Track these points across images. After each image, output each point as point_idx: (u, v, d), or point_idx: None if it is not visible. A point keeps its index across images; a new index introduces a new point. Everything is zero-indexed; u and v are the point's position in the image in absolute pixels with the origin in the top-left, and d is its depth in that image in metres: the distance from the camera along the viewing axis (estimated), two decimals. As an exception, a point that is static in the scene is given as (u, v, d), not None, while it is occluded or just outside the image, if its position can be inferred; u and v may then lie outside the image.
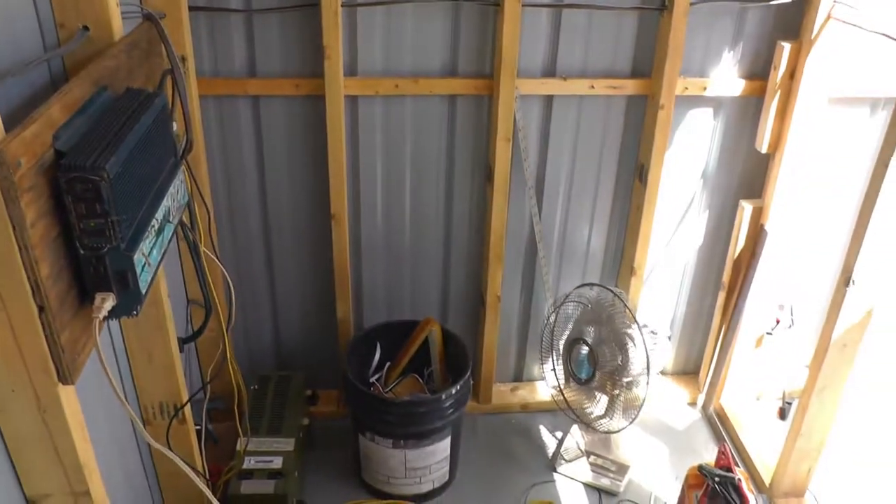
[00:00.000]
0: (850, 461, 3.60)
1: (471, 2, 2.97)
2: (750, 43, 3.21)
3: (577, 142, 3.33)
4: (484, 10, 2.99)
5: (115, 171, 1.38)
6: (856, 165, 3.47)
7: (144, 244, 1.54)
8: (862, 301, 2.80)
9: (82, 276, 1.45)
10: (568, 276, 3.64)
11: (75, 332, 1.46)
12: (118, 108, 1.61)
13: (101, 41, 1.77)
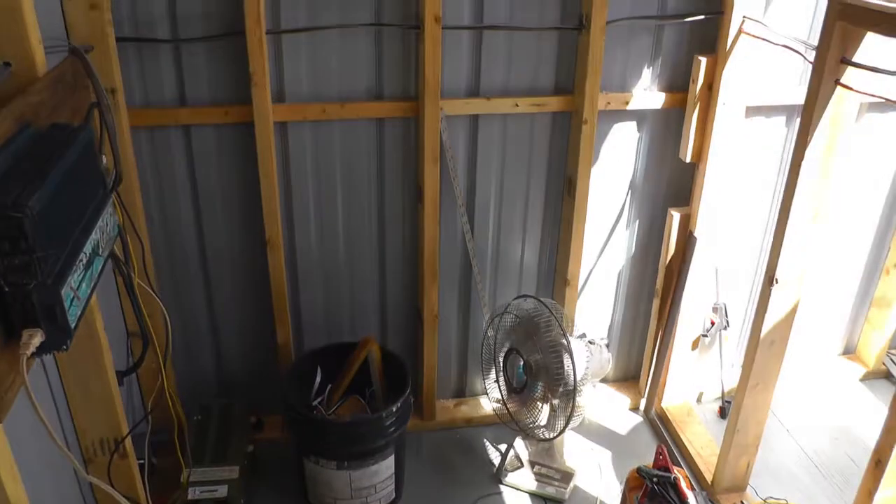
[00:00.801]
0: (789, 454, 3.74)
1: (392, 26, 3.03)
2: (668, 58, 3.33)
3: (504, 159, 3.41)
4: (406, 33, 3.06)
5: (38, 208, 1.39)
6: (775, 171, 3.62)
7: (73, 278, 1.54)
8: (786, 299, 2.91)
9: (8, 312, 1.45)
10: (504, 290, 3.70)
11: (1, 369, 1.45)
12: (42, 144, 1.62)
13: (24, 77, 1.76)
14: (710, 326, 3.84)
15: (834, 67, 2.51)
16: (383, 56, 3.10)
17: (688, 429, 3.78)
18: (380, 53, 3.10)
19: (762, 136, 3.57)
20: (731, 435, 3.24)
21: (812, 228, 2.81)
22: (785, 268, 2.84)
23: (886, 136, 3.80)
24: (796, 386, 4.23)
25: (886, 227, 4.08)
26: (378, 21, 3.02)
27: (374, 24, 3.02)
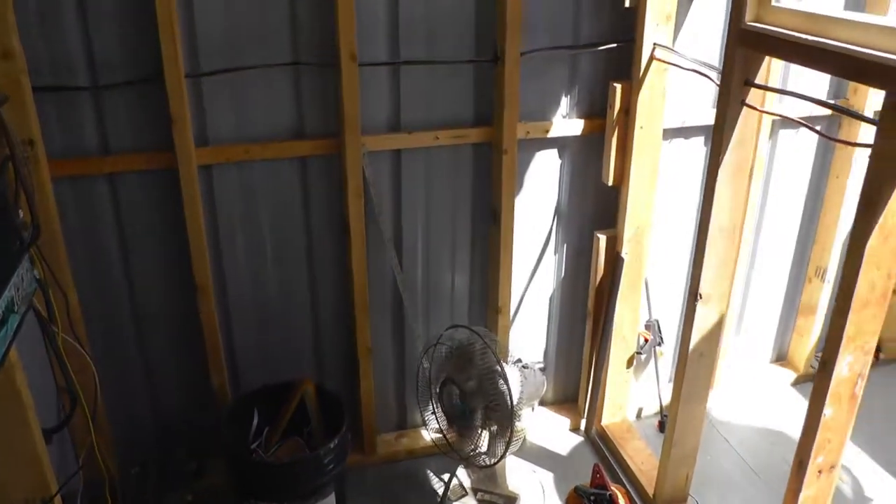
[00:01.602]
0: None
1: (310, 65, 3.06)
2: (585, 85, 3.43)
3: (429, 191, 3.45)
4: (324, 71, 3.07)
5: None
6: (697, 189, 3.74)
7: (-13, 338, 1.53)
8: (710, 313, 3.00)
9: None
10: (437, 321, 3.71)
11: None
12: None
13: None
14: (643, 343, 3.92)
15: (739, 90, 2.62)
16: (303, 94, 3.12)
17: (628, 445, 3.84)
18: (300, 92, 3.11)
19: (682, 156, 3.69)
20: (668, 448, 3.31)
21: (731, 244, 2.90)
22: (707, 283, 2.92)
23: (799, 151, 3.97)
24: (733, 395, 4.35)
25: (806, 237, 4.24)
26: (296, 60, 3.04)
27: (292, 64, 3.04)
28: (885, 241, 2.17)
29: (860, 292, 2.22)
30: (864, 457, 3.97)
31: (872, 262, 2.19)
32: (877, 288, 2.24)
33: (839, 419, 2.44)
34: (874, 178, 2.11)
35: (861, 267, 2.18)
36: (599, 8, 3.30)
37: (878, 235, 2.15)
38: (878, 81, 2.13)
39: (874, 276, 2.22)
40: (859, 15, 2.22)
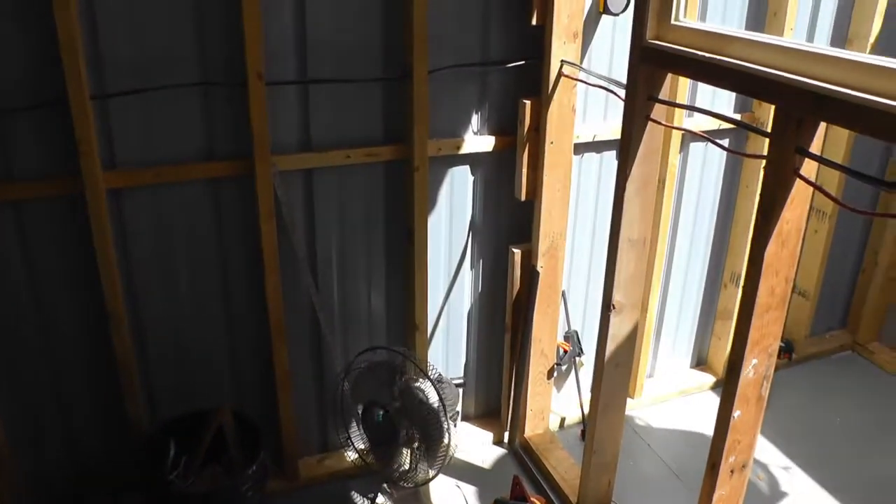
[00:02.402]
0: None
1: (218, 85, 3.02)
2: (495, 102, 3.48)
3: (342, 210, 3.43)
4: (233, 91, 3.04)
5: None
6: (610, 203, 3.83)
7: None
8: (624, 323, 3.07)
9: None
10: (356, 341, 3.69)
11: None
12: None
13: None
14: (563, 355, 3.99)
15: (643, 105, 2.70)
16: (214, 115, 3.08)
17: (551, 455, 3.89)
18: (210, 113, 3.07)
19: (595, 170, 3.78)
20: (589, 457, 3.37)
21: (641, 255, 2.98)
22: (620, 294, 3.00)
23: (710, 162, 4.13)
24: (655, 401, 4.47)
25: (721, 245, 4.39)
26: (204, 80, 3.00)
27: (200, 84, 3.00)
28: (782, 247, 2.27)
29: (761, 298, 2.31)
30: (779, 454, 4.13)
31: (772, 269, 2.28)
32: (776, 293, 2.34)
33: (748, 420, 2.52)
34: (769, 187, 2.20)
35: (761, 273, 2.27)
36: (507, 25, 3.36)
37: (776, 242, 2.24)
38: (768, 96, 2.24)
39: (773, 281, 2.31)
40: (753, 34, 2.31)
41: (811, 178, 2.15)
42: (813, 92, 1.94)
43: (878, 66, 1.82)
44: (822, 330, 5.21)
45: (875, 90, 1.79)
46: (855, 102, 1.82)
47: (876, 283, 5.03)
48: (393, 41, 3.21)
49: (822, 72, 1.95)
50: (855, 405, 4.63)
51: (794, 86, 2.00)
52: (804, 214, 2.27)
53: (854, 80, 1.85)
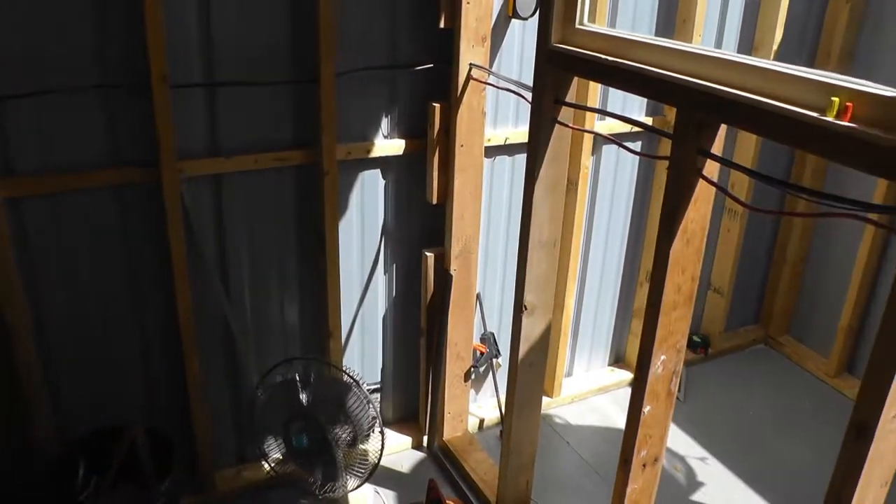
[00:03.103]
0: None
1: (120, 88, 2.91)
2: (405, 105, 3.46)
3: (252, 217, 3.36)
4: (135, 94, 2.93)
5: None
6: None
7: None
8: (537, 323, 3.09)
9: None
10: (270, 350, 3.63)
11: None
12: None
13: None
14: (480, 357, 4.00)
15: (550, 108, 2.72)
16: (116, 119, 2.96)
17: (470, 457, 3.90)
18: (112, 117, 2.96)
19: (507, 172, 3.80)
20: (506, 457, 3.38)
21: (552, 256, 3.00)
22: (532, 295, 3.01)
23: (624, 163, 4.20)
24: (574, 399, 4.53)
25: (636, 244, 4.46)
26: (105, 83, 2.89)
27: (100, 87, 2.88)
28: (687, 246, 2.31)
29: (668, 295, 2.35)
30: (696, 445, 4.24)
31: (677, 267, 2.32)
32: (683, 290, 2.38)
33: (658, 415, 2.56)
34: (673, 187, 2.24)
35: (667, 271, 2.30)
36: (416, 28, 3.35)
37: (681, 240, 2.28)
38: (670, 99, 2.28)
39: (680, 279, 2.35)
40: (654, 39, 2.34)
41: (714, 179, 2.20)
42: (712, 95, 1.98)
43: (772, 70, 1.87)
44: (737, 325, 5.36)
45: (770, 94, 1.84)
46: (751, 105, 1.86)
47: (785, 278, 5.20)
48: (301, 43, 3.16)
49: (720, 76, 1.99)
50: (767, 396, 4.79)
51: (693, 89, 2.04)
52: (708, 213, 2.32)
53: (751, 84, 1.90)
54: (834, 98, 1.66)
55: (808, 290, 5.20)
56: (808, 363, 5.07)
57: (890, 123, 1.58)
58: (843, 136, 1.65)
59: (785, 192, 4.51)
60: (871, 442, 1.72)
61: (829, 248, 4.99)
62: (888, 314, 1.64)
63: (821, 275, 5.08)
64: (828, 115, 1.67)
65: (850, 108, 1.65)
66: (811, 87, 1.75)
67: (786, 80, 1.82)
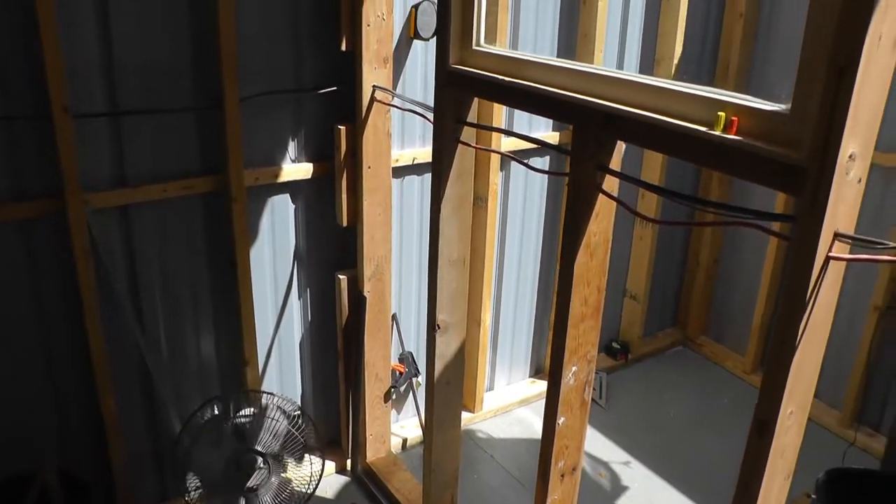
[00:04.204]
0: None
1: (22, 119, 2.83)
2: (312, 128, 3.46)
3: (163, 247, 3.30)
4: (37, 125, 2.85)
5: None
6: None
7: None
8: (450, 341, 3.10)
9: None
10: (188, 382, 3.55)
11: None
12: None
13: None
14: (399, 377, 4.00)
15: (451, 128, 2.75)
16: (18, 151, 2.87)
17: (394, 478, 3.89)
18: (15, 149, 2.86)
19: (418, 191, 3.82)
20: (429, 475, 3.37)
21: (462, 274, 3.02)
22: (444, 313, 3.02)
23: (534, 179, 4.26)
24: (496, 412, 4.56)
25: (550, 257, 4.53)
26: (6, 114, 2.80)
27: (2, 118, 2.80)
28: (591, 259, 2.35)
29: (575, 308, 2.38)
30: (620, 450, 4.31)
31: (582, 280, 2.36)
32: (590, 302, 2.42)
33: (573, 425, 2.59)
34: (573, 203, 2.28)
35: (572, 284, 2.34)
36: (319, 51, 3.35)
37: (584, 254, 2.32)
38: (566, 117, 2.32)
39: (585, 292, 2.39)
40: (548, 59, 2.37)
41: (616, 193, 2.25)
42: (605, 112, 2.04)
43: (663, 87, 1.92)
44: (655, 329, 5.49)
45: (663, 110, 1.89)
46: (643, 121, 1.92)
47: (699, 282, 5.35)
48: (204, 68, 3.13)
49: (614, 93, 2.04)
50: (688, 396, 4.92)
51: (587, 107, 2.09)
52: (610, 227, 2.37)
53: (644, 101, 1.95)
54: (720, 113, 1.72)
55: (721, 292, 5.37)
56: (727, 362, 5.23)
57: (772, 135, 1.64)
58: (729, 148, 1.71)
59: (675, 201, 4.62)
60: (773, 438, 1.77)
61: (739, 251, 5.17)
62: (781, 322, 1.69)
63: (733, 277, 5.25)
64: (715, 129, 1.73)
65: (735, 121, 1.70)
66: (699, 103, 1.81)
67: (676, 97, 1.87)
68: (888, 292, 4.15)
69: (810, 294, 1.62)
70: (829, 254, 1.59)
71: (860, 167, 1.54)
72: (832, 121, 1.48)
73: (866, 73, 1.44)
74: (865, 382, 4.37)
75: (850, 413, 4.46)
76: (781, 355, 1.71)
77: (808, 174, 1.54)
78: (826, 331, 1.73)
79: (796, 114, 1.58)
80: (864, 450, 4.22)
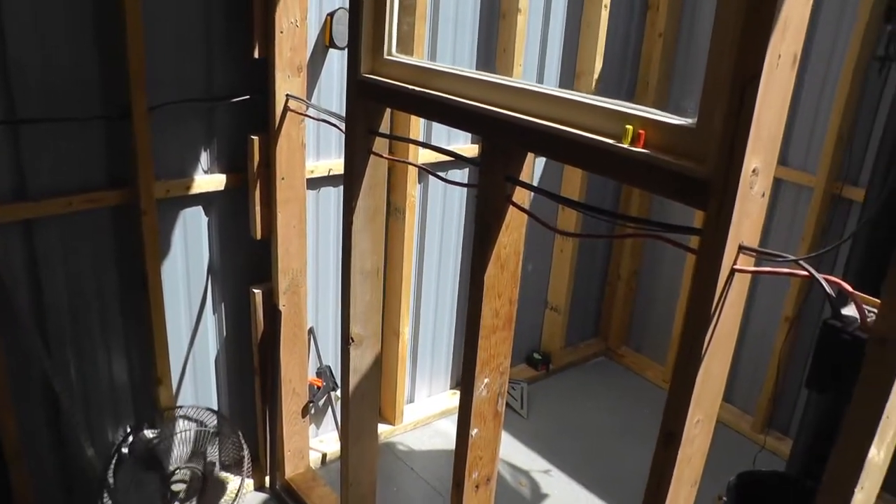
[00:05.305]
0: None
1: None
2: (224, 139, 3.38)
3: (70, 263, 3.16)
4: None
5: None
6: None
7: None
8: (365, 355, 3.06)
9: None
10: (98, 404, 3.42)
11: None
12: None
13: None
14: (317, 391, 3.95)
15: (364, 139, 2.72)
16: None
17: (313, 493, 3.84)
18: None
19: (334, 203, 3.79)
20: (346, 489, 3.32)
21: (376, 286, 2.99)
22: (358, 326, 2.99)
23: (453, 190, 4.28)
24: (416, 425, 4.55)
25: (469, 269, 4.48)
26: None
27: None
28: (502, 271, 2.35)
29: (486, 320, 2.38)
30: (541, 459, 4.34)
31: (493, 292, 2.35)
32: (501, 314, 2.42)
33: (486, 437, 2.59)
34: (483, 215, 2.27)
35: (483, 296, 2.33)
36: (230, 59, 3.28)
37: (495, 266, 2.32)
38: (475, 128, 2.33)
39: (497, 304, 2.39)
40: (459, 69, 2.35)
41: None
42: (513, 124, 2.03)
43: (571, 100, 1.93)
44: (577, 340, 5.56)
45: (572, 122, 1.90)
46: (551, 133, 1.92)
47: (620, 293, 5.43)
48: (111, 76, 3.02)
49: (524, 106, 2.04)
50: (609, 405, 4.99)
51: (495, 118, 2.08)
52: (521, 238, 2.37)
53: (554, 114, 1.95)
54: (628, 126, 1.73)
55: (642, 303, 5.46)
56: (647, 372, 5.33)
57: (679, 149, 1.66)
58: (636, 161, 1.72)
59: (581, 212, 4.76)
60: (679, 448, 1.79)
61: (659, 263, 5.28)
62: (687, 333, 1.71)
63: (653, 289, 5.35)
64: (623, 141, 1.74)
65: (642, 135, 1.72)
66: (608, 116, 1.82)
67: (586, 110, 1.88)
68: (797, 304, 4.28)
69: (716, 306, 1.64)
70: (734, 266, 1.61)
71: (763, 182, 1.57)
72: (735, 136, 1.50)
73: (767, 90, 1.46)
74: (777, 389, 4.49)
75: (763, 418, 4.59)
76: (688, 366, 1.73)
77: (713, 188, 1.56)
78: (732, 342, 1.76)
79: (702, 128, 1.60)
80: (774, 453, 4.34)
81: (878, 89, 3.77)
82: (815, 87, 4.11)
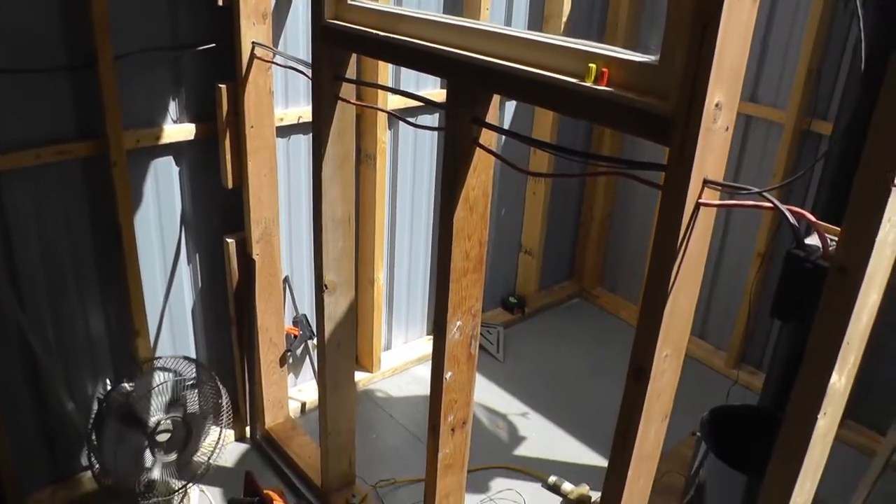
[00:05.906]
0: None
1: None
2: (193, 88, 3.34)
3: (41, 217, 3.12)
4: None
5: None
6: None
7: None
8: (339, 302, 3.09)
9: None
10: (76, 359, 3.40)
11: None
12: None
13: None
14: (294, 340, 3.97)
15: (330, 85, 2.71)
16: None
17: (293, 443, 3.88)
18: None
19: (305, 151, 3.76)
20: (325, 438, 3.38)
21: (347, 233, 3.00)
22: (331, 273, 3.01)
23: (424, 136, 4.26)
24: (393, 372, 4.60)
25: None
26: None
27: None
28: (471, 213, 2.37)
29: (456, 262, 2.40)
30: (517, 402, 4.41)
31: (462, 234, 2.37)
32: (472, 256, 2.44)
33: (461, 379, 2.62)
34: (451, 157, 2.29)
35: (452, 239, 2.35)
36: (195, 7, 3.22)
37: (463, 208, 2.34)
38: (440, 71, 2.33)
39: (467, 245, 2.41)
40: (422, 13, 2.35)
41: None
42: (478, 66, 2.03)
43: (534, 41, 1.93)
44: (552, 283, 5.60)
45: (535, 63, 1.90)
46: (515, 75, 1.92)
47: (593, 235, 5.46)
48: (74, 25, 2.95)
49: (488, 48, 2.04)
50: (584, 346, 5.07)
51: (460, 61, 2.08)
52: (489, 180, 2.38)
53: (518, 55, 1.95)
54: (591, 65, 1.74)
55: (616, 244, 5.51)
56: (622, 312, 5.41)
57: (642, 86, 1.67)
58: (600, 99, 1.73)
59: (547, 151, 4.77)
60: (648, 382, 1.83)
61: (631, 204, 5.31)
62: (653, 268, 1.74)
63: (626, 229, 5.39)
64: (586, 80, 1.74)
65: (605, 73, 1.72)
66: (570, 56, 1.82)
67: (550, 50, 1.88)
68: (769, 239, 4.33)
69: (681, 241, 1.66)
70: (699, 200, 1.63)
71: (727, 116, 1.59)
72: (697, 71, 1.51)
73: (728, 25, 1.47)
74: (749, 324, 4.57)
75: (736, 354, 4.67)
76: (655, 301, 1.77)
77: (676, 123, 1.58)
78: (699, 276, 1.79)
79: (664, 65, 1.62)
80: (747, 387, 4.41)
81: (846, 25, 3.78)
82: (785, 25, 4.12)
